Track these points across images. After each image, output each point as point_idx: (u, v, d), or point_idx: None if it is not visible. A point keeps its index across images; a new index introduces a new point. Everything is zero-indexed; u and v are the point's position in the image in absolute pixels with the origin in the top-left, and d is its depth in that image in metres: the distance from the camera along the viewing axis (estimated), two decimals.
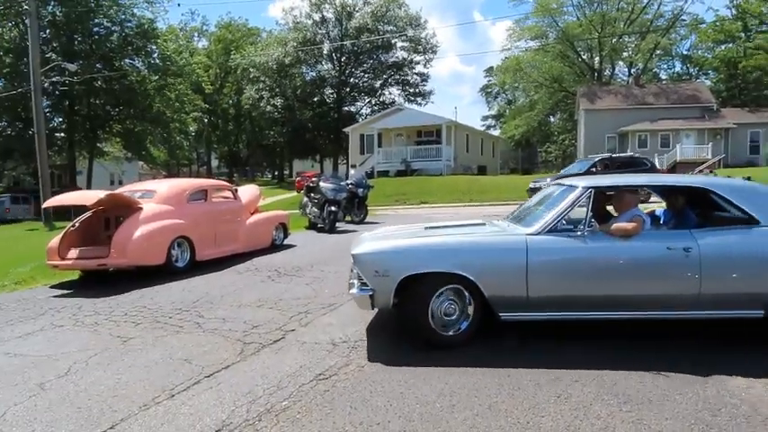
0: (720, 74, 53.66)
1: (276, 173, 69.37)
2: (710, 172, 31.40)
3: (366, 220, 15.84)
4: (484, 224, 5.58)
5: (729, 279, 4.36)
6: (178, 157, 53.01)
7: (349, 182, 16.13)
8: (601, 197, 5.24)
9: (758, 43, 47.00)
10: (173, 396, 3.84)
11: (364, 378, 4.06)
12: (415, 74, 54.95)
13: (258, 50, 52.39)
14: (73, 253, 8.41)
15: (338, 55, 52.72)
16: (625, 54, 56.17)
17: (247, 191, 11.64)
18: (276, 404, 3.64)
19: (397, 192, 25.15)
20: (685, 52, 58.30)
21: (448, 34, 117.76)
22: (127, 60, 40.06)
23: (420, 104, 54.16)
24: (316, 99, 54.15)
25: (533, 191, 17.29)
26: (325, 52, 53.09)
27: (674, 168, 34.73)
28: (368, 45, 50.71)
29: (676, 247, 4.35)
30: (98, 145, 41.55)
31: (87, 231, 8.95)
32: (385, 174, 36.01)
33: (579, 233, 4.53)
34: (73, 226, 8.94)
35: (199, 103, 47.50)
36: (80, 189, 31.40)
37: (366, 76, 55.14)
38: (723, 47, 53.15)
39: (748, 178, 28.96)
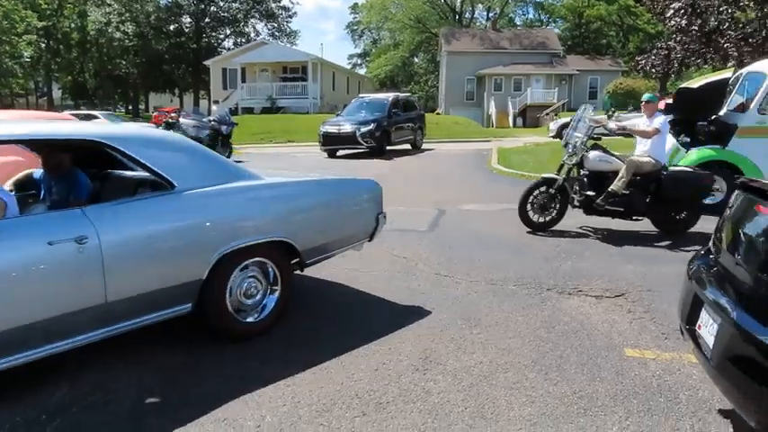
0: (568, 22, 57.55)
1: (131, 107, 63.91)
2: (555, 115, 34.16)
3: (231, 160, 15.38)
4: None
5: (146, 272, 3.13)
6: (10, 85, 46.83)
7: (211, 118, 15.48)
8: None
9: None
10: None
11: None
12: (280, 7, 52.73)
13: None
14: None
15: None
16: None
17: None
18: None
19: (263, 130, 24.46)
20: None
21: None
22: None
23: (285, 40, 52.36)
24: (172, 28, 50.20)
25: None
26: None
27: (524, 111, 37.26)
28: None
29: (63, 239, 2.81)
30: None
31: None
32: (250, 111, 34.72)
33: None
34: None
35: (33, 21, 41.79)
36: None
37: (227, 5, 51.86)
38: None
39: (612, 112, 31.42)
